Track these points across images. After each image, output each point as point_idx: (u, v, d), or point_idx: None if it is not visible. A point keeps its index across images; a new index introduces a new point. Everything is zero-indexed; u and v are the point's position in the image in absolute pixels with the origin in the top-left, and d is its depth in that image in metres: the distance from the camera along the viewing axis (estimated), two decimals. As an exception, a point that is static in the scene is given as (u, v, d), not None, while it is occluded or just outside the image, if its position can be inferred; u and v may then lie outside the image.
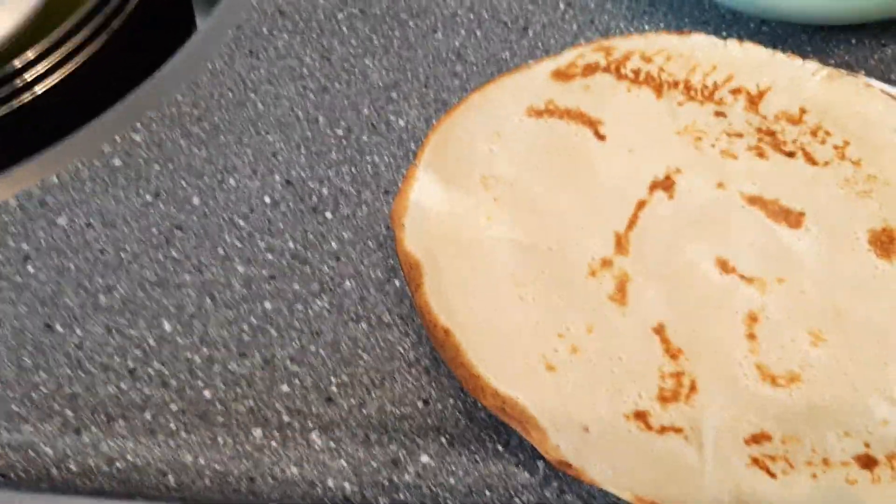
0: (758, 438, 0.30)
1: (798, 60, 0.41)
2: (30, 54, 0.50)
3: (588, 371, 0.32)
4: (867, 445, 0.30)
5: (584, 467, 0.29)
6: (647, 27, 0.47)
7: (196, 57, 0.49)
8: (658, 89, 0.41)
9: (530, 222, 0.37)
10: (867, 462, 0.29)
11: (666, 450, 0.30)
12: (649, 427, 0.30)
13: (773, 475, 0.29)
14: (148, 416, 0.35)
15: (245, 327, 0.37)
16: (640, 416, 0.31)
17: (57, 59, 0.52)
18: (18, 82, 0.51)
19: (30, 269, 0.40)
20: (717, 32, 0.46)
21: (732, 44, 0.42)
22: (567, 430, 0.30)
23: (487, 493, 0.32)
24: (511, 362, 0.32)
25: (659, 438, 0.30)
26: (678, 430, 0.30)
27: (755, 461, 0.29)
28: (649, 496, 0.28)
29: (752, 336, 0.33)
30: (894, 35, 0.45)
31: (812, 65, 0.41)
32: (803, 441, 0.30)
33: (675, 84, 0.41)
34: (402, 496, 0.33)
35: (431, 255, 0.35)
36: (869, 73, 0.43)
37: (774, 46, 0.45)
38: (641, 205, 0.38)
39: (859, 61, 0.44)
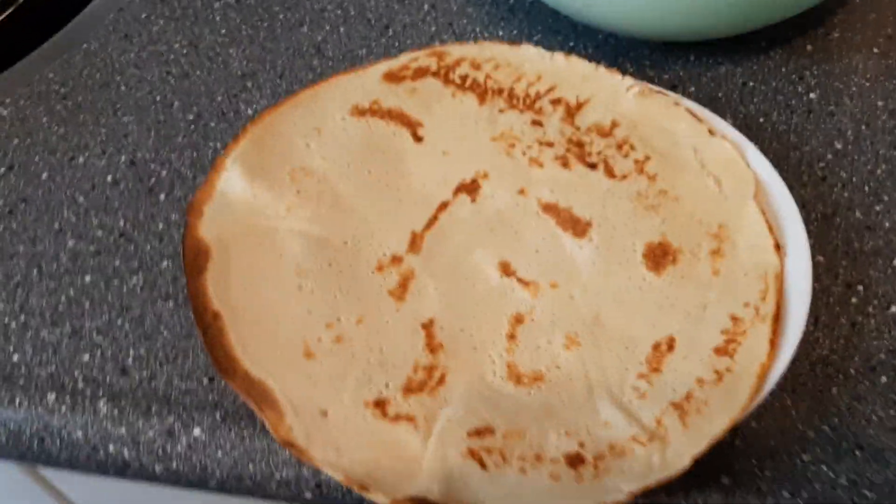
0: (481, 432, 0.32)
1: (618, 76, 0.43)
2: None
3: (345, 360, 0.34)
4: (581, 445, 0.32)
5: (310, 449, 0.31)
6: (500, 33, 0.49)
7: (74, 36, 0.51)
8: (482, 96, 0.43)
9: (330, 217, 0.39)
10: (575, 460, 0.31)
11: (393, 437, 0.32)
12: (385, 415, 0.32)
13: (484, 467, 0.31)
14: (-42, 374, 0.38)
15: (63, 298, 0.40)
16: (380, 404, 0.33)
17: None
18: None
19: None
20: (566, 42, 0.48)
21: (559, 56, 0.43)
22: (304, 413, 0.32)
23: (251, 466, 0.35)
24: (271, 348, 0.34)
25: (391, 426, 0.32)
26: (410, 419, 0.32)
27: (471, 453, 0.31)
28: (360, 478, 0.30)
29: (512, 336, 0.35)
30: (729, 53, 0.46)
31: (629, 80, 0.42)
32: (525, 437, 0.32)
33: (500, 91, 0.43)
34: (174, 465, 0.35)
35: (223, 244, 0.37)
36: (700, 88, 0.45)
37: (617, 59, 0.46)
38: (444, 207, 0.40)
39: (692, 77, 0.46)
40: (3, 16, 0.55)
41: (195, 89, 0.47)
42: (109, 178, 0.44)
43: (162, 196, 0.43)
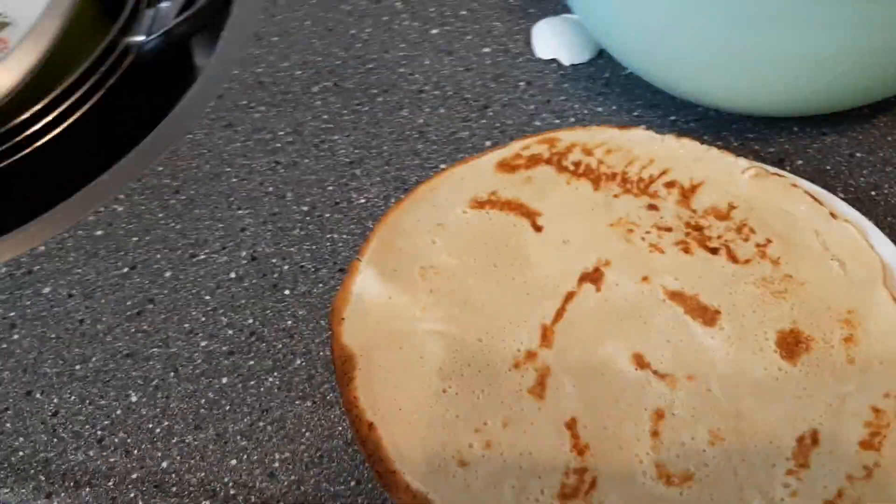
0: (641, 538, 0.33)
1: (731, 157, 0.43)
2: (33, 110, 0.54)
3: (498, 467, 0.35)
4: (742, 547, 0.32)
5: (479, 562, 0.32)
6: (600, 109, 0.49)
7: (177, 126, 0.52)
8: (596, 181, 0.44)
9: (462, 314, 0.40)
10: (739, 565, 0.32)
11: (557, 547, 0.33)
12: (545, 524, 0.33)
13: (652, 575, 0.32)
14: (111, 483, 0.39)
15: (202, 401, 0.41)
16: (539, 513, 0.34)
17: (55, 116, 0.56)
18: (18, 138, 0.55)
19: (15, 336, 0.44)
20: (665, 116, 0.48)
21: (670, 138, 0.44)
22: (469, 526, 0.33)
23: (406, 570, 0.36)
24: (427, 457, 0.35)
25: (553, 536, 0.33)
26: (571, 528, 0.33)
27: (636, 561, 0.32)
28: None
29: (656, 433, 0.36)
30: (833, 124, 0.47)
31: (743, 162, 0.43)
32: (685, 542, 0.33)
33: (613, 176, 0.44)
34: (330, 569, 0.36)
35: (367, 349, 0.38)
36: (807, 161, 0.46)
37: (719, 132, 0.47)
38: (570, 297, 0.40)
39: (798, 150, 0.46)
40: (91, 104, 0.57)
41: (305, 179, 0.48)
42: (233, 274, 0.45)
43: (287, 291, 0.44)
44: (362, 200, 0.47)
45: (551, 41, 0.52)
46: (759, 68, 0.41)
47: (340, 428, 0.39)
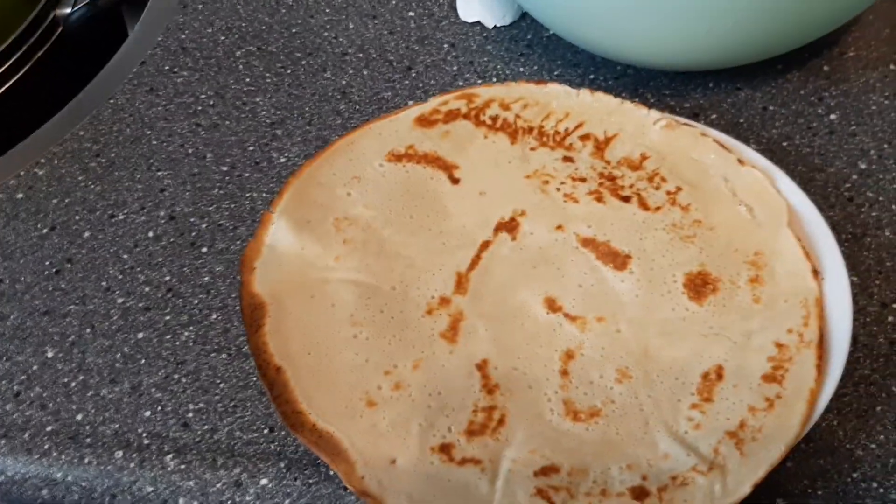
0: (547, 471, 0.33)
1: (643, 109, 0.44)
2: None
3: (406, 407, 0.35)
4: (644, 478, 0.33)
5: (384, 497, 0.32)
6: (522, 69, 0.50)
7: (100, 91, 0.52)
8: (513, 135, 0.44)
9: (377, 264, 0.40)
10: (640, 494, 0.32)
11: (461, 481, 0.33)
12: (451, 459, 0.33)
13: (553, 505, 0.32)
14: (26, 436, 0.39)
15: (118, 356, 0.41)
16: (445, 448, 0.34)
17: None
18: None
19: (-72, 297, 0.43)
20: (585, 75, 0.49)
21: (585, 93, 0.45)
22: (374, 463, 0.33)
23: (319, 513, 0.36)
24: (335, 399, 0.35)
25: (458, 470, 0.33)
26: (477, 462, 0.33)
27: (539, 492, 0.32)
28: (435, 524, 0.31)
29: (565, 372, 0.36)
30: (748, 79, 0.47)
31: (655, 113, 0.44)
32: (589, 473, 0.33)
33: (530, 130, 0.44)
34: (243, 515, 0.36)
35: (278, 297, 0.38)
36: (722, 115, 0.46)
37: (637, 89, 0.48)
38: (486, 246, 0.41)
39: (713, 104, 0.47)
40: (20, 74, 0.56)
41: (226, 140, 0.48)
42: (151, 233, 0.45)
43: (204, 249, 0.44)
44: (283, 160, 0.47)
45: (475, 4, 0.52)
46: (669, 22, 0.42)
47: (254, 379, 0.39)
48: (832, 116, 0.45)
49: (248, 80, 0.51)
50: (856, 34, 0.48)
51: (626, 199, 0.41)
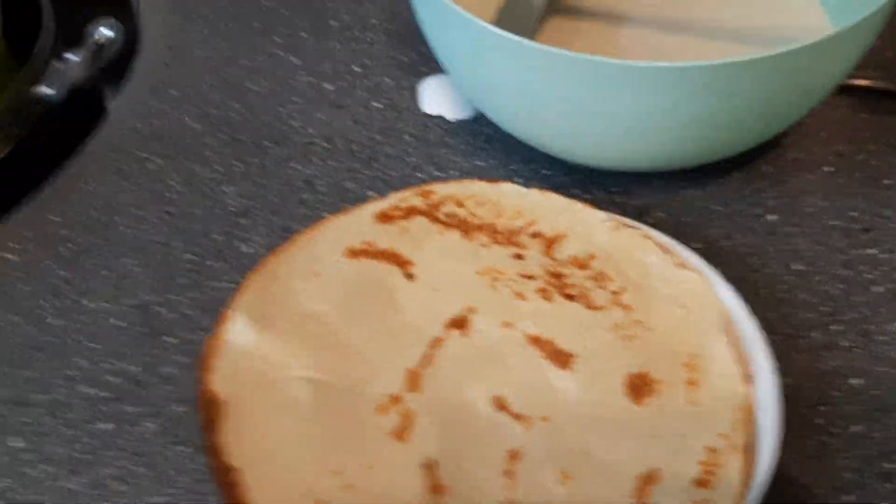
0: (487, 574, 0.35)
1: (591, 210, 0.46)
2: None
3: (354, 508, 0.37)
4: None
5: None
6: (480, 163, 0.52)
7: (74, 176, 0.54)
8: (467, 232, 0.46)
9: (332, 360, 0.41)
10: None
11: (405, 584, 0.34)
12: (396, 562, 0.35)
13: None
14: (-13, 528, 0.40)
15: (78, 446, 0.42)
16: (390, 551, 0.35)
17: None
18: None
19: None
20: (539, 170, 0.51)
21: (535, 192, 0.47)
22: (322, 565, 0.34)
23: None
24: (287, 500, 0.36)
25: (403, 573, 0.35)
26: (421, 567, 0.35)
27: None
28: None
29: (509, 473, 0.38)
30: (692, 178, 0.50)
31: (602, 215, 0.46)
32: (528, 577, 0.35)
33: (483, 227, 0.46)
34: None
35: (236, 395, 0.39)
36: (667, 213, 0.49)
37: (586, 186, 0.50)
38: (437, 342, 0.42)
39: (659, 203, 0.49)
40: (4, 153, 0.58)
41: (193, 228, 0.50)
42: (117, 322, 0.46)
43: (169, 339, 0.45)
44: (248, 250, 0.49)
45: (437, 98, 0.55)
46: (612, 134, 0.44)
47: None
48: (770, 217, 0.48)
49: (217, 167, 0.53)
50: (794, 136, 0.51)
51: (572, 298, 0.44)
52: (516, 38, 0.41)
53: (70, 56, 0.62)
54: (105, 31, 0.62)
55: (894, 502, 0.38)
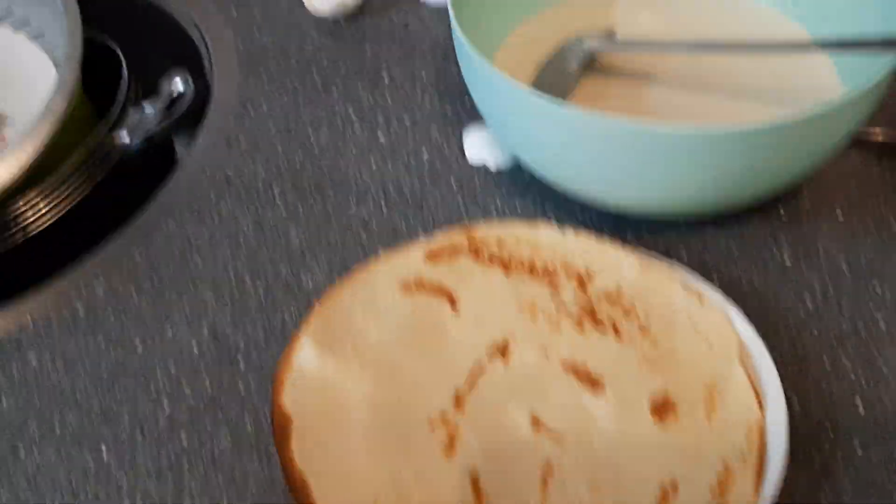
0: (525, 571, 0.39)
1: (621, 249, 0.51)
2: (30, 196, 0.62)
3: (409, 514, 0.42)
4: (607, 580, 0.39)
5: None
6: (518, 206, 0.57)
7: (155, 216, 0.60)
8: (507, 268, 0.51)
9: (388, 383, 0.47)
10: None
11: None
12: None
13: None
14: (83, 527, 0.45)
15: (164, 458, 0.47)
16: (440, 551, 0.40)
17: (48, 207, 0.64)
18: (14, 228, 0.62)
19: (2, 400, 0.51)
20: (573, 213, 0.56)
21: (570, 234, 0.52)
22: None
23: None
24: (350, 506, 0.41)
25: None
26: (466, 563, 0.40)
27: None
28: None
29: (545, 484, 0.43)
30: (715, 223, 0.55)
31: (631, 254, 0.51)
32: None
33: (522, 265, 0.51)
34: None
35: (302, 413, 0.45)
36: (690, 252, 0.53)
37: (617, 227, 0.55)
38: (481, 368, 0.47)
39: (683, 242, 0.54)
40: (83, 196, 0.64)
41: (262, 264, 0.56)
42: (195, 348, 0.52)
43: (242, 364, 0.51)
44: (310, 284, 0.55)
45: (480, 148, 0.60)
46: (641, 186, 0.49)
47: (282, 484, 0.46)
48: (785, 257, 0.52)
49: (282, 210, 0.59)
50: (810, 185, 0.56)
51: (604, 330, 0.48)
52: (552, 102, 0.46)
53: (146, 107, 0.69)
54: (179, 84, 0.69)
55: (896, 517, 0.42)
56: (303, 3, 0.74)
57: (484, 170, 0.60)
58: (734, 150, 0.45)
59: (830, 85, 0.56)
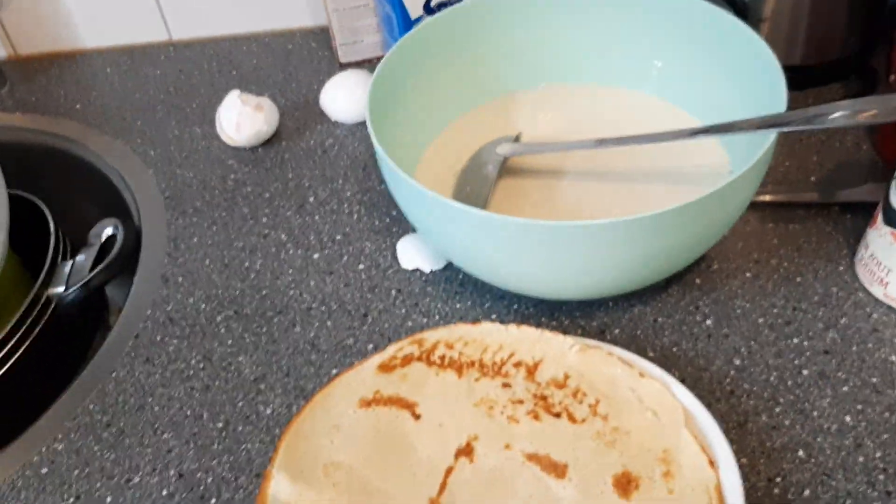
0: None
1: (560, 336, 0.54)
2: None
3: None
4: None
5: None
6: (458, 305, 0.60)
7: (102, 366, 0.60)
8: (459, 370, 0.54)
9: (362, 500, 0.48)
10: None
11: None
12: None
13: None
14: None
15: None
16: None
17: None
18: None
19: (-26, 578, 0.50)
20: (510, 305, 0.60)
21: (512, 327, 0.55)
22: None
23: None
24: None
25: None
26: None
27: None
28: None
29: (527, 573, 0.45)
30: (640, 297, 0.59)
31: (570, 339, 0.54)
32: None
33: (472, 364, 0.54)
34: None
35: (286, 543, 0.46)
36: (622, 330, 0.57)
37: (553, 313, 0.59)
38: (449, 471, 0.50)
39: (614, 321, 0.58)
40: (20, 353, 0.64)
41: (218, 399, 0.57)
42: (164, 492, 0.53)
43: (213, 501, 0.52)
44: (269, 411, 0.56)
45: (413, 254, 0.63)
46: (563, 276, 0.53)
47: None
48: (708, 322, 0.57)
49: (229, 342, 0.61)
50: (717, 250, 0.61)
51: (558, 415, 0.51)
52: (471, 209, 0.50)
53: (78, 257, 0.70)
54: (109, 231, 0.70)
55: (849, 551, 0.45)
56: (218, 136, 0.76)
57: (419, 273, 0.63)
58: (645, 233, 0.49)
59: (720, 161, 0.61)
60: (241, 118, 0.73)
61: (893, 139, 0.65)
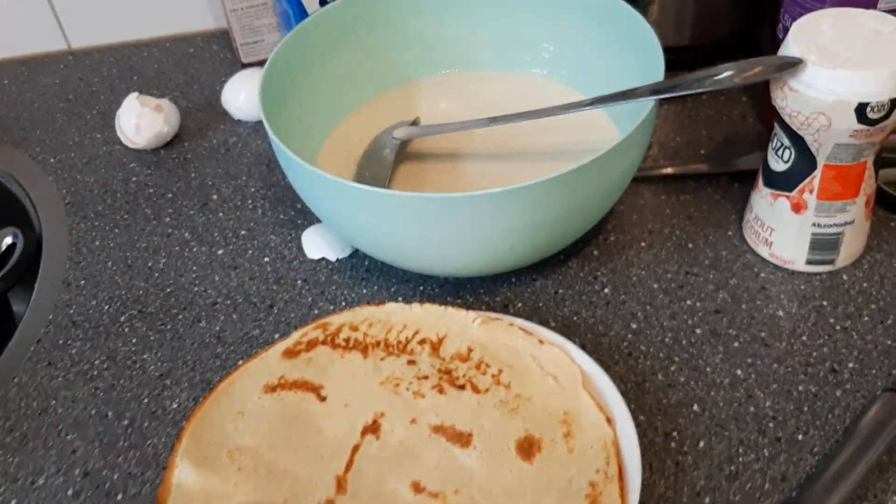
0: None
1: (463, 312, 0.55)
2: None
3: None
4: None
5: None
6: (365, 291, 0.61)
7: (5, 372, 0.59)
8: (364, 351, 0.54)
9: (268, 484, 0.48)
10: None
11: None
12: None
13: None
14: None
15: None
16: None
17: None
18: None
19: None
20: (416, 287, 0.61)
21: (416, 306, 0.56)
22: None
23: None
24: None
25: None
26: None
27: None
28: None
29: (435, 541, 0.45)
30: (540, 270, 0.60)
31: (473, 314, 0.55)
32: None
33: (377, 344, 0.55)
34: None
35: (191, 529, 0.46)
36: (525, 303, 0.59)
37: (458, 291, 0.59)
38: (356, 448, 0.50)
39: (517, 296, 0.59)
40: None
41: (123, 397, 0.56)
42: (70, 491, 0.52)
43: (119, 496, 0.51)
44: (175, 406, 0.56)
45: (318, 243, 0.64)
46: (465, 252, 0.54)
47: None
48: (606, 291, 0.58)
49: (134, 340, 0.60)
50: (613, 222, 0.63)
51: (462, 387, 0.52)
52: (369, 188, 0.51)
53: (-24, 267, 0.68)
54: (8, 241, 0.69)
55: (743, 497, 0.47)
56: (119, 140, 0.76)
57: (325, 262, 0.63)
58: (534, 202, 0.51)
59: (611, 135, 0.63)
60: (141, 120, 0.72)
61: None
